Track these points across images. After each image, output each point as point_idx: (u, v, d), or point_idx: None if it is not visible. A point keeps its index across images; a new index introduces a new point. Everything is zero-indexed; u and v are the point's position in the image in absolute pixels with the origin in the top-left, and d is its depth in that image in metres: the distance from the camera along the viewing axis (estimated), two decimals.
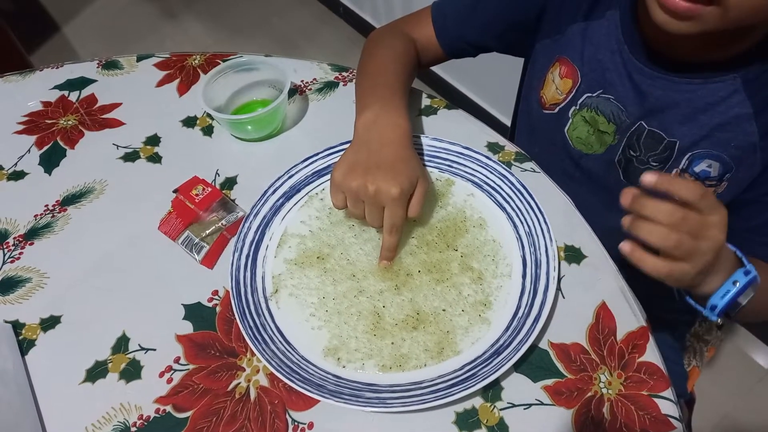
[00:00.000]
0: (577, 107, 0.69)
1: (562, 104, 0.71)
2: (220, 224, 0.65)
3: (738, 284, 0.50)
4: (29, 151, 0.76)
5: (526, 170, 0.69)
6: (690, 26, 0.51)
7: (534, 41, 0.73)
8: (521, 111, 0.82)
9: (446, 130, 0.72)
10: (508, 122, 1.19)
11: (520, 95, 0.86)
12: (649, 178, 0.45)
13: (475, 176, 0.67)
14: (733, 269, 0.52)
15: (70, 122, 0.78)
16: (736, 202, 0.64)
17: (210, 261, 0.64)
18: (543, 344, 0.56)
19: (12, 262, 0.65)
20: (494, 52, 0.78)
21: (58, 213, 0.69)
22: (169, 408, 0.54)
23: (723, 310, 0.51)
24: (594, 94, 0.67)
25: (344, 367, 0.55)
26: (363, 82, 0.69)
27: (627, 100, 0.65)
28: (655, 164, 0.66)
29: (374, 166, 0.57)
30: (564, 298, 0.59)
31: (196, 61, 0.84)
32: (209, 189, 0.68)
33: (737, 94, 0.58)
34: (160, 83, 0.82)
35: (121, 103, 0.80)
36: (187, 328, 0.59)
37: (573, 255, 0.62)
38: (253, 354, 0.57)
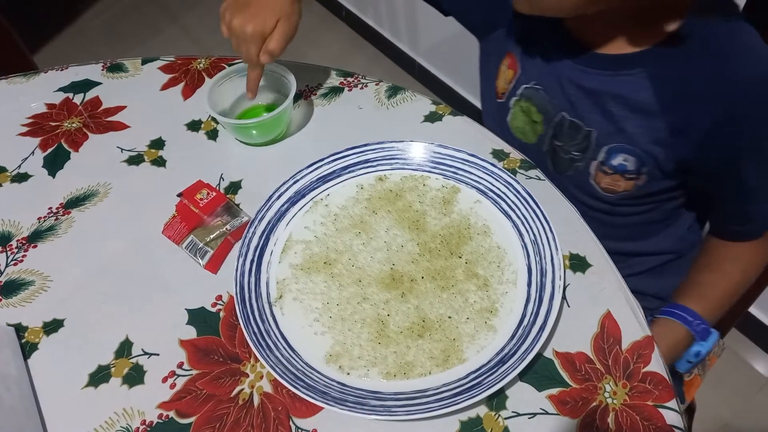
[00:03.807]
0: (517, 97, 0.72)
1: (507, 94, 0.73)
2: (224, 229, 0.65)
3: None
4: (33, 153, 0.75)
5: (531, 178, 0.69)
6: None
7: (481, 29, 0.77)
8: (485, 99, 0.85)
9: (451, 137, 0.72)
10: None
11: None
12: None
13: (480, 183, 0.67)
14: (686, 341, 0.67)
15: (74, 125, 0.78)
16: (709, 194, 0.69)
17: (214, 266, 0.63)
18: (548, 353, 0.56)
19: (15, 264, 0.65)
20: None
21: (62, 216, 0.69)
22: (172, 413, 0.54)
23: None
24: (529, 85, 0.70)
25: (348, 374, 0.55)
26: None
27: (552, 90, 0.67)
28: (576, 154, 0.68)
29: (244, 4, 0.64)
30: (569, 306, 0.59)
31: (201, 65, 0.84)
32: (214, 193, 0.68)
33: (645, 90, 0.60)
34: (165, 86, 0.82)
35: (125, 106, 0.80)
36: (191, 333, 0.59)
37: (578, 264, 0.62)
38: (256, 360, 0.57)
